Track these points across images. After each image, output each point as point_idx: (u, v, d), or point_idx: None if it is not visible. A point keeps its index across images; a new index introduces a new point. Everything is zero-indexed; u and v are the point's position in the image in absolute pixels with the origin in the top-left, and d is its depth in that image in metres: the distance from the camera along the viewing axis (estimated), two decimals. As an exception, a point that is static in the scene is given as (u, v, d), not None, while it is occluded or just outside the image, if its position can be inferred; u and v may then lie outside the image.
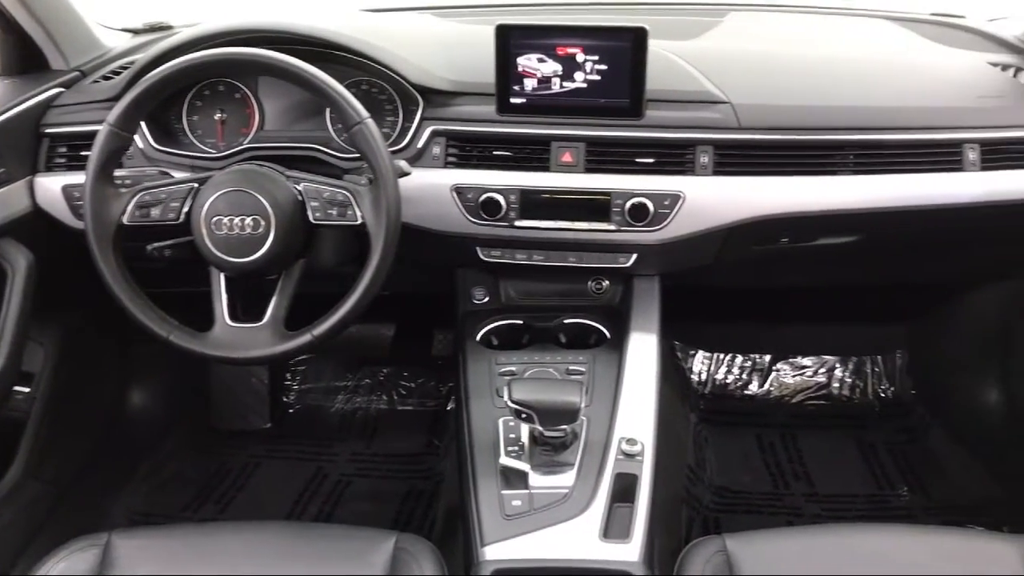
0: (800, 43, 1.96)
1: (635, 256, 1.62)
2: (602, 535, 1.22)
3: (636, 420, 1.41)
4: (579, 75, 1.51)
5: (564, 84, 1.52)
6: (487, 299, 1.77)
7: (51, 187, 1.62)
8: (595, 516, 1.25)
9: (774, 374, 2.50)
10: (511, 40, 1.50)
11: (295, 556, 1.24)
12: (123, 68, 1.74)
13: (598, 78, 1.51)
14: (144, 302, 1.42)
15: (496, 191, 1.56)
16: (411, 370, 2.54)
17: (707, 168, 1.54)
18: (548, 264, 1.64)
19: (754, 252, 1.70)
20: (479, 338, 1.68)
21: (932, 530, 1.47)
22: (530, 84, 1.52)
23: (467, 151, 1.59)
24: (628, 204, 1.54)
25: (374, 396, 2.52)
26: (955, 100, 1.66)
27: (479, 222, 1.58)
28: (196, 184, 1.42)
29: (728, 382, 2.51)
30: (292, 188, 1.42)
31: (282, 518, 2.07)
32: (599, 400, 1.46)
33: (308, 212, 1.41)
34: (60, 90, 1.71)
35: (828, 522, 2.02)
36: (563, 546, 1.21)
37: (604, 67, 1.50)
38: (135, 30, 2.04)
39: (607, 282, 1.74)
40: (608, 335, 1.65)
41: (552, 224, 1.58)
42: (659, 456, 1.37)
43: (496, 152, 1.58)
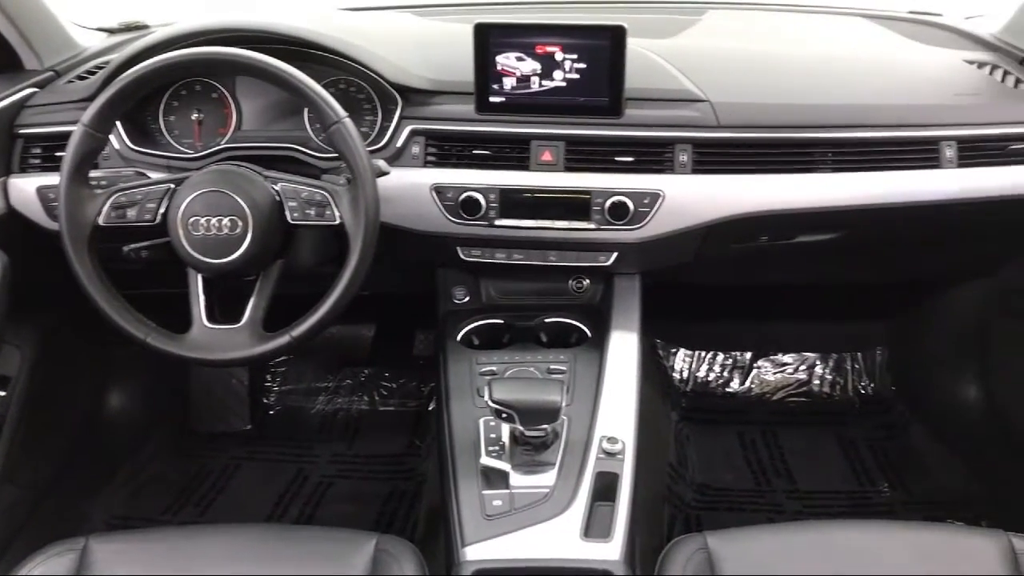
0: (779, 41, 1.96)
1: (615, 255, 1.61)
2: (583, 534, 1.22)
3: (617, 419, 1.41)
4: (558, 74, 1.51)
5: (543, 83, 1.52)
6: (468, 299, 1.76)
7: (25, 188, 1.61)
8: (576, 515, 1.24)
9: (755, 371, 2.51)
10: (490, 39, 1.49)
11: (275, 558, 1.23)
12: (98, 68, 1.73)
13: (577, 77, 1.51)
14: (121, 304, 1.40)
15: (476, 190, 1.55)
16: (392, 371, 2.53)
17: (686, 166, 1.54)
18: (528, 263, 1.64)
19: (734, 250, 1.70)
20: (460, 338, 1.67)
21: (912, 525, 1.48)
22: (509, 83, 1.52)
23: (446, 150, 1.58)
24: (608, 203, 1.54)
25: (355, 397, 2.51)
26: (932, 98, 1.67)
27: (459, 222, 1.57)
28: (173, 185, 1.41)
29: (709, 380, 2.51)
30: (270, 188, 1.41)
31: (263, 521, 2.06)
32: (580, 399, 1.45)
33: (286, 212, 1.40)
34: (34, 90, 1.69)
35: (809, 518, 2.03)
36: (544, 546, 1.21)
37: (583, 66, 1.50)
38: (110, 29, 2.03)
39: (588, 281, 1.74)
40: (589, 334, 1.65)
41: (532, 223, 1.57)
42: (640, 454, 1.37)
43: (475, 151, 1.58)
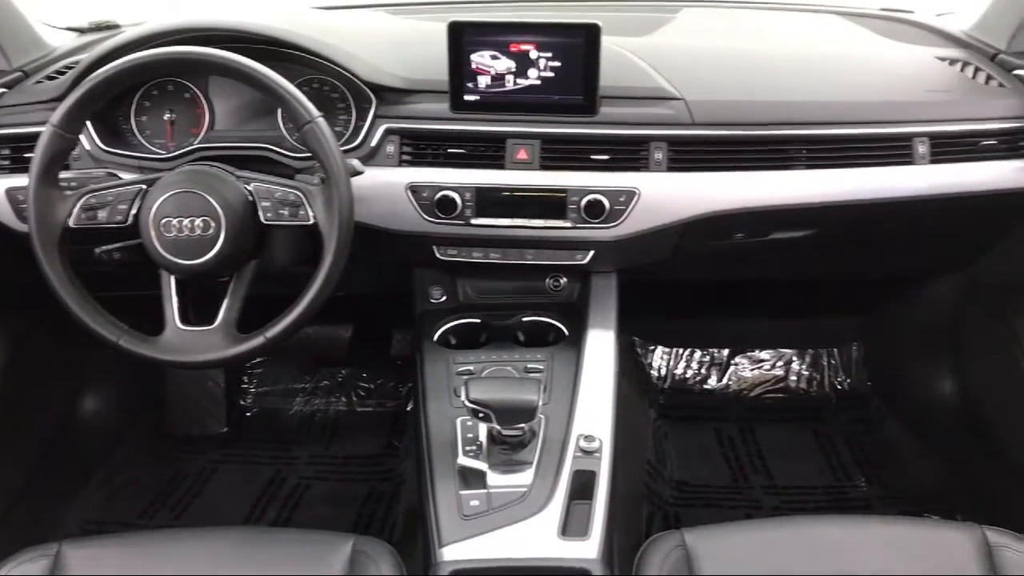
0: (752, 39, 1.97)
1: (592, 253, 1.61)
2: (560, 533, 1.22)
3: (594, 417, 1.41)
4: (533, 72, 1.51)
5: (518, 81, 1.51)
6: (445, 298, 1.75)
7: (-6, 190, 1.58)
8: (553, 514, 1.24)
9: (732, 368, 2.52)
10: (464, 37, 1.49)
11: (251, 561, 1.22)
12: (67, 68, 1.71)
13: (552, 75, 1.50)
14: (92, 306, 1.39)
15: (451, 189, 1.55)
16: (370, 371, 2.52)
17: (661, 164, 1.55)
18: (505, 262, 1.64)
19: (710, 247, 1.71)
20: (437, 338, 1.66)
21: (888, 520, 1.48)
22: (484, 81, 1.52)
23: (421, 149, 1.57)
24: (584, 201, 1.54)
25: (333, 398, 2.49)
26: (905, 94, 1.68)
27: (435, 221, 1.57)
28: (144, 186, 1.39)
29: (687, 377, 2.52)
30: (243, 188, 1.40)
31: (240, 523, 2.04)
32: (557, 398, 1.45)
33: (259, 212, 1.39)
34: (2, 91, 1.67)
35: (786, 514, 2.04)
36: (521, 545, 1.20)
37: (558, 64, 1.50)
38: (80, 29, 2.00)
39: (565, 279, 1.74)
40: (566, 332, 1.64)
41: (508, 222, 1.57)
42: (617, 452, 1.37)
43: (451, 150, 1.57)
